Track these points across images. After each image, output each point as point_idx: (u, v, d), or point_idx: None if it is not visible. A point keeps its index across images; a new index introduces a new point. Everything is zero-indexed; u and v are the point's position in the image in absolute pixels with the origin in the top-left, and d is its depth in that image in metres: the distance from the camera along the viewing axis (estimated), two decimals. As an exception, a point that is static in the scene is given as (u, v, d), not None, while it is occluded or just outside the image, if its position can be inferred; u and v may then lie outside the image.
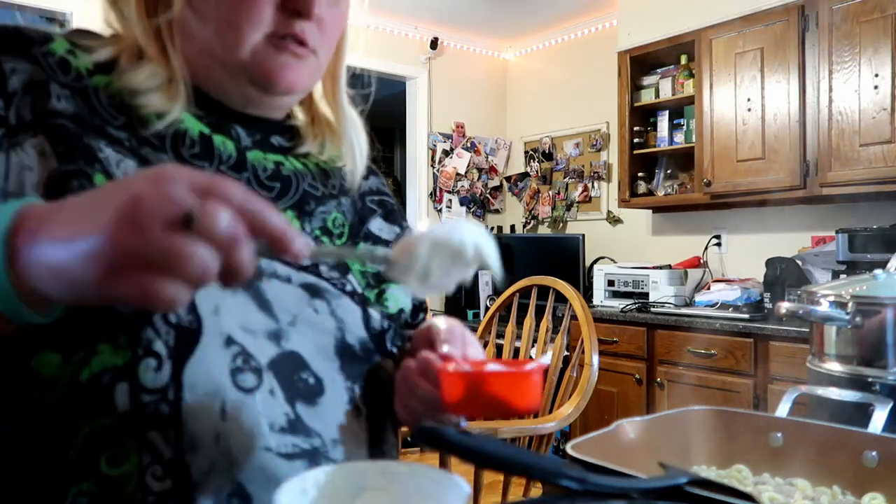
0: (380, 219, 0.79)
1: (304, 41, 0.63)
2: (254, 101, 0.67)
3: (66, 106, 0.58)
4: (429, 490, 0.48)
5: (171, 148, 0.61)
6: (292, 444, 0.57)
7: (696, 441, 0.80)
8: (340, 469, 0.49)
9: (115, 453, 0.51)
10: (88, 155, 0.56)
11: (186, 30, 0.62)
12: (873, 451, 0.69)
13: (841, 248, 2.67)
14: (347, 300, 0.66)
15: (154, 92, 0.61)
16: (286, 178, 0.68)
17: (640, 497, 0.51)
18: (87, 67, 0.61)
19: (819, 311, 0.95)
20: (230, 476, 0.53)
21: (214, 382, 0.54)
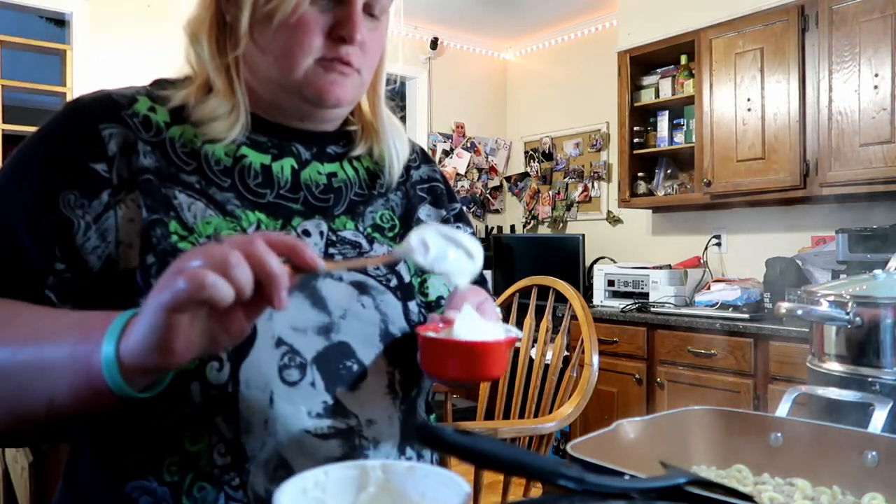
0: (428, 205, 0.89)
1: (349, 62, 0.73)
2: (308, 115, 0.77)
3: (150, 161, 0.69)
4: (429, 489, 0.48)
5: (239, 181, 0.73)
6: (328, 426, 0.68)
7: (696, 441, 0.80)
8: (341, 468, 0.49)
9: (193, 434, 0.65)
10: (166, 204, 0.68)
11: (250, 61, 0.73)
12: (873, 451, 0.69)
13: (841, 248, 2.67)
14: (390, 295, 0.76)
15: (219, 120, 0.72)
16: (337, 189, 0.79)
17: (640, 497, 0.51)
18: (166, 121, 0.72)
19: (819, 311, 0.95)
20: (276, 452, 0.66)
21: (265, 378, 0.65)
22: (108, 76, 3.43)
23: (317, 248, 0.73)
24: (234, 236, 0.51)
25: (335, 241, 0.76)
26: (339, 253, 0.75)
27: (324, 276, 0.71)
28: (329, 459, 0.65)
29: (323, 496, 0.47)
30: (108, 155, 0.68)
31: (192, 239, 0.67)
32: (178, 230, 0.67)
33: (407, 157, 0.87)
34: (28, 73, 3.37)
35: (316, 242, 0.74)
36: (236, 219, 0.70)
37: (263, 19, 0.70)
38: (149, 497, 0.64)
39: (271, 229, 0.72)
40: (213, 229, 0.68)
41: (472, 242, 0.67)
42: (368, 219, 0.80)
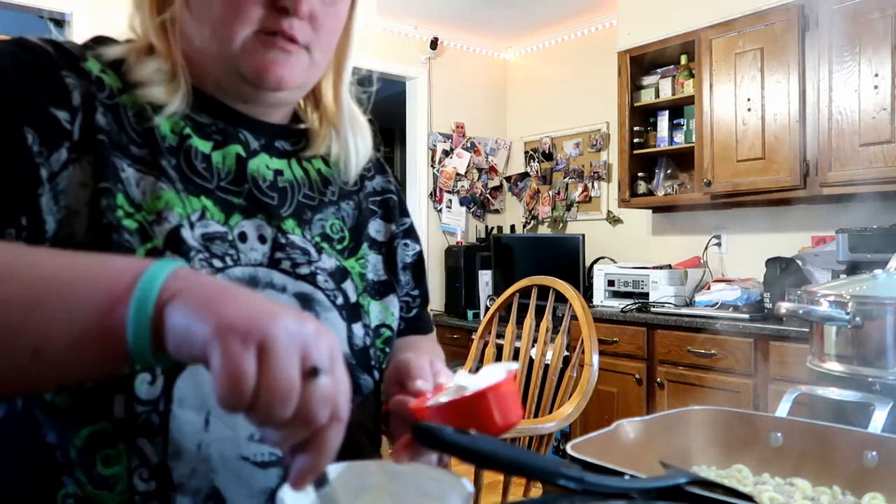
0: (378, 220, 0.80)
1: (293, 38, 0.64)
2: (251, 98, 0.69)
3: (104, 122, 0.60)
4: (431, 489, 0.48)
5: (185, 163, 0.64)
6: (269, 452, 0.60)
7: (696, 441, 0.80)
8: (344, 468, 0.49)
9: (108, 455, 0.56)
10: (114, 175, 0.59)
11: (185, 29, 0.65)
12: (873, 451, 0.69)
13: (841, 248, 2.67)
14: (335, 314, 0.68)
15: (158, 84, 0.64)
16: (283, 189, 0.70)
17: (640, 497, 0.51)
18: (118, 86, 0.64)
19: (819, 311, 0.95)
20: (208, 480, 0.58)
21: (202, 397, 0.57)
22: (109, 76, 3.44)
23: (259, 254, 0.65)
24: (335, 390, 0.42)
25: (283, 245, 0.67)
26: (288, 258, 0.66)
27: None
28: (266, 490, 0.59)
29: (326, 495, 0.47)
30: (72, 105, 0.59)
31: (140, 217, 0.59)
32: (125, 205, 0.59)
33: (367, 158, 0.80)
34: (28, 73, 3.37)
35: (255, 248, 0.65)
36: (183, 202, 0.62)
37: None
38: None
39: (216, 220, 0.63)
40: (164, 204, 0.60)
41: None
42: (317, 227, 0.72)
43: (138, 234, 0.58)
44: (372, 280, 0.75)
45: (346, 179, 0.78)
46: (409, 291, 0.83)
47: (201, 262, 0.60)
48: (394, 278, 0.78)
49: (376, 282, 0.76)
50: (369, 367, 0.71)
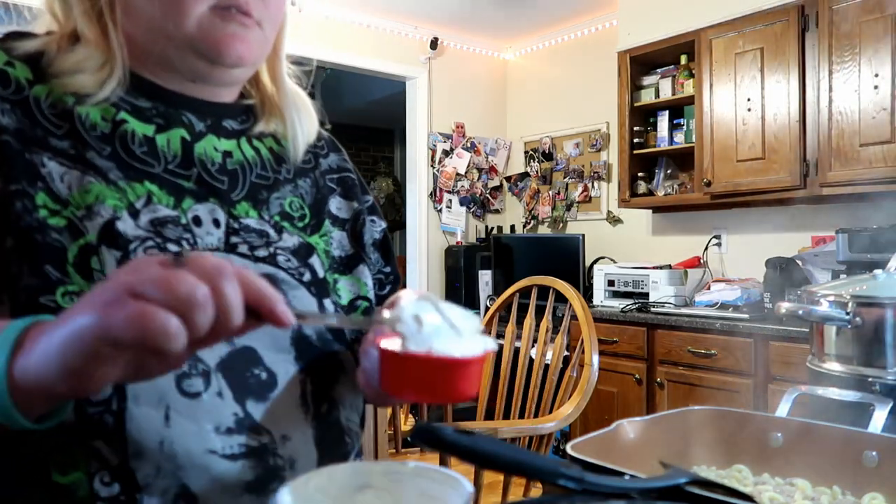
0: (339, 197, 0.78)
1: (248, 12, 0.63)
2: (203, 75, 0.67)
3: (8, 121, 0.57)
4: (431, 490, 0.48)
5: (122, 149, 0.61)
6: (238, 444, 0.58)
7: (696, 441, 0.80)
8: (343, 469, 0.49)
9: (63, 462, 0.53)
10: (31, 173, 0.56)
11: (130, 7, 0.62)
12: (873, 451, 0.69)
13: (841, 248, 2.67)
14: (304, 291, 0.66)
15: (87, 73, 0.61)
16: (233, 171, 0.68)
17: (640, 497, 0.51)
18: (28, 78, 0.60)
19: (819, 311, 0.95)
20: (176, 479, 0.55)
21: (158, 391, 0.55)
22: (109, 76, 3.43)
23: (214, 238, 0.63)
24: (204, 259, 0.42)
25: (237, 230, 0.65)
26: (245, 242, 0.65)
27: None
28: (240, 484, 0.57)
29: (325, 497, 0.47)
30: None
31: (67, 213, 0.56)
32: (48, 203, 0.56)
33: (313, 135, 0.78)
34: (28, 73, 3.37)
35: (211, 232, 0.63)
36: (121, 190, 0.59)
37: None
38: None
39: (164, 204, 0.61)
40: (94, 198, 0.57)
41: (463, 318, 0.53)
42: (275, 206, 0.70)
43: (68, 232, 0.55)
44: (338, 256, 0.73)
45: (294, 157, 0.75)
46: (380, 269, 0.82)
47: (149, 249, 0.58)
48: (362, 251, 0.77)
49: (343, 257, 0.74)
50: (345, 341, 0.69)
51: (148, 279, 0.40)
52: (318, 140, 0.80)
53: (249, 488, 0.57)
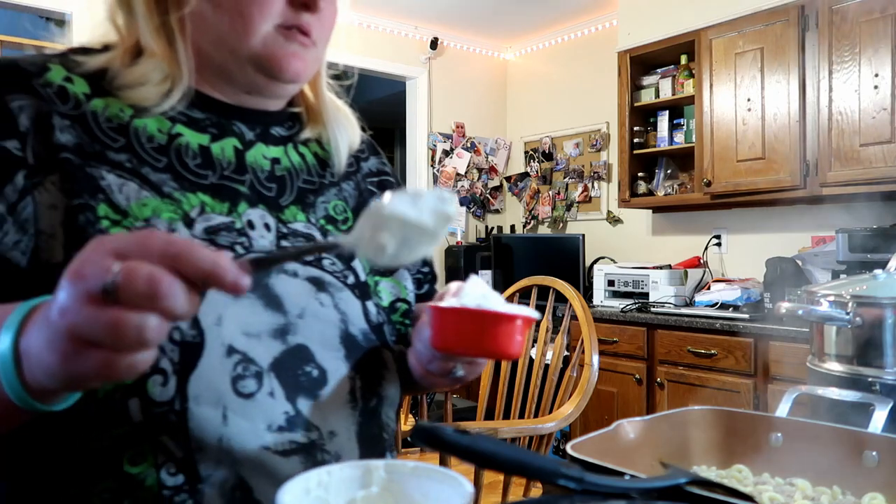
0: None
1: (308, 32, 0.68)
2: (258, 89, 0.70)
3: (69, 137, 0.60)
4: (431, 489, 0.48)
5: (177, 161, 0.65)
6: (289, 440, 0.61)
7: (696, 441, 0.80)
8: (343, 468, 0.49)
9: (134, 454, 0.57)
10: (91, 185, 0.59)
11: (200, 21, 0.65)
12: (873, 451, 0.69)
13: (841, 248, 2.67)
14: (348, 293, 0.70)
15: (150, 85, 0.64)
16: (281, 178, 0.72)
17: (640, 497, 0.51)
18: (85, 92, 0.63)
19: (819, 311, 0.95)
20: (233, 471, 0.59)
21: (216, 392, 0.58)
22: (109, 76, 3.44)
23: (266, 242, 0.66)
24: (135, 280, 0.40)
25: (287, 234, 0.68)
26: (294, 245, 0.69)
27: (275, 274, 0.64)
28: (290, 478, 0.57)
29: (326, 495, 0.47)
30: (19, 130, 0.59)
31: (127, 223, 0.59)
32: (109, 214, 0.59)
33: (356, 144, 0.82)
34: (28, 73, 3.37)
35: (263, 236, 0.67)
36: (175, 201, 0.62)
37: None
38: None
39: (216, 212, 0.64)
40: (151, 212, 0.60)
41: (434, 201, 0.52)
42: (321, 210, 0.73)
43: None
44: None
45: (339, 165, 0.79)
46: (419, 269, 0.86)
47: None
48: None
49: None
50: (386, 342, 0.73)
51: (94, 324, 0.40)
52: (360, 144, 0.84)
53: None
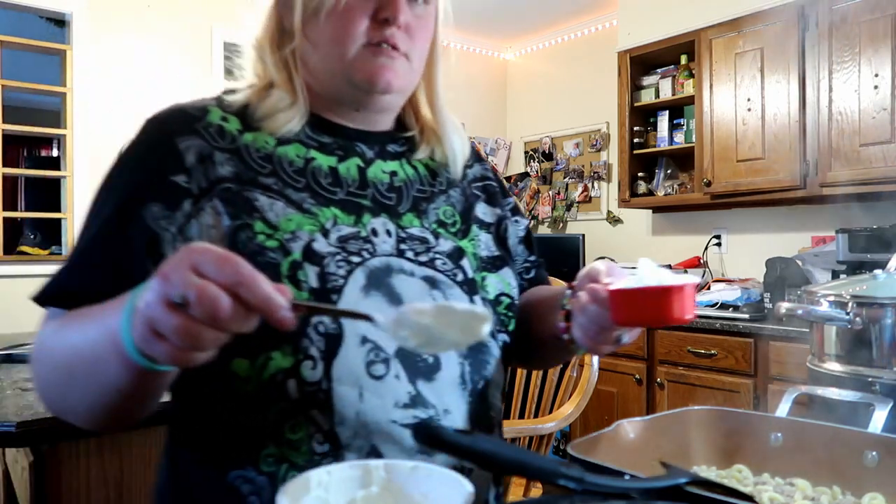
0: (483, 203, 0.91)
1: (395, 45, 0.77)
2: (363, 103, 0.81)
3: (228, 169, 0.73)
4: (431, 489, 0.48)
5: (312, 181, 0.77)
6: (412, 415, 0.72)
7: (696, 441, 0.80)
8: (343, 468, 0.49)
9: (292, 425, 0.69)
10: (249, 207, 0.72)
11: (305, 57, 0.79)
12: (873, 451, 0.69)
13: (841, 248, 2.67)
14: (458, 289, 0.80)
15: (281, 112, 0.77)
16: (398, 188, 0.83)
17: (640, 497, 0.51)
18: (238, 129, 0.77)
19: (819, 311, 0.95)
20: (368, 441, 0.70)
21: (354, 374, 0.70)
22: (109, 76, 3.43)
23: (388, 246, 0.78)
24: (206, 299, 0.49)
25: (405, 238, 0.79)
26: (410, 249, 0.79)
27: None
28: (414, 447, 0.71)
29: (326, 495, 0.47)
30: (185, 166, 0.72)
31: (278, 236, 0.71)
32: (264, 230, 0.71)
33: (466, 153, 0.91)
34: (28, 74, 3.37)
35: (385, 241, 0.78)
36: (313, 215, 0.75)
37: (312, 15, 0.76)
38: (249, 485, 0.69)
39: (345, 224, 0.76)
40: (295, 225, 0.73)
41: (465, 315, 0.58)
42: (432, 215, 0.84)
43: (280, 251, 0.71)
44: (485, 256, 0.86)
45: (455, 175, 0.89)
46: (526, 259, 0.96)
47: (338, 262, 0.73)
48: (507, 253, 0.89)
49: (489, 257, 0.86)
50: (493, 332, 0.81)
51: (166, 322, 0.50)
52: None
53: (421, 451, 0.71)
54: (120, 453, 1.20)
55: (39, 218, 3.63)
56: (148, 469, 1.23)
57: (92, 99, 3.38)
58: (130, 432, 1.20)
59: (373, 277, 0.74)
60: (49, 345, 0.66)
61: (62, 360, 0.63)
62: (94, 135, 3.40)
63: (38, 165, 4.90)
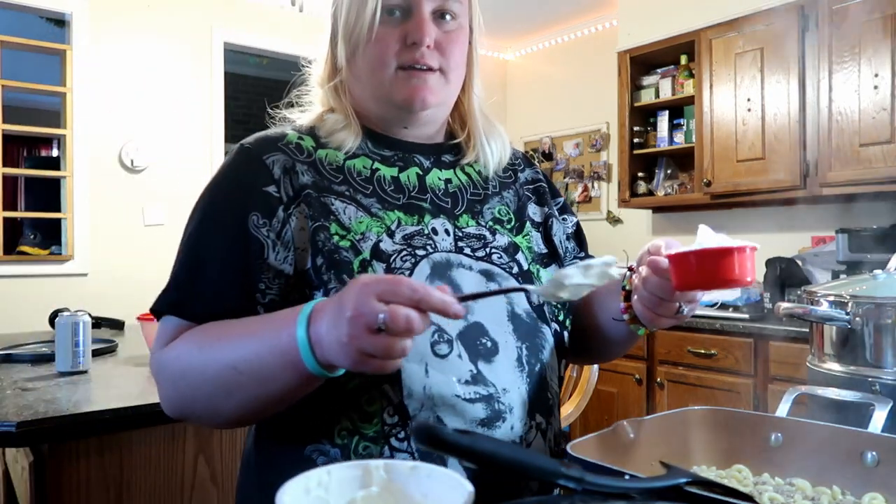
0: (533, 204, 0.99)
1: (427, 65, 0.84)
2: (408, 120, 0.89)
3: (308, 178, 0.83)
4: (431, 489, 0.48)
5: (378, 188, 0.86)
6: (474, 391, 0.78)
7: (696, 441, 0.80)
8: (343, 468, 0.49)
9: (368, 398, 0.76)
10: (326, 211, 0.81)
11: (351, 88, 0.90)
12: (873, 451, 0.69)
13: (841, 248, 2.67)
14: (513, 281, 0.87)
15: (339, 131, 0.87)
16: (453, 193, 0.91)
17: (640, 497, 0.51)
18: (313, 146, 0.87)
19: (819, 311, 0.95)
20: (433, 412, 0.77)
21: (420, 353, 0.77)
22: (108, 76, 3.43)
23: (447, 243, 0.85)
24: (398, 319, 0.59)
25: (462, 237, 0.87)
26: (467, 246, 0.87)
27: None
28: (476, 419, 0.78)
29: (326, 495, 0.47)
30: (274, 178, 0.82)
31: (350, 237, 0.80)
32: (338, 231, 0.80)
33: (505, 156, 0.99)
34: (28, 74, 3.37)
35: (444, 239, 0.86)
36: (380, 218, 0.83)
37: (353, 50, 0.86)
38: (324, 457, 0.77)
39: (407, 225, 0.84)
40: (365, 227, 0.82)
41: (599, 265, 0.70)
42: (487, 215, 0.92)
43: (351, 251, 0.79)
44: (537, 252, 0.93)
45: (486, 174, 0.96)
46: (576, 255, 1.01)
47: (404, 257, 0.81)
48: (554, 250, 0.96)
49: (540, 254, 0.94)
50: (546, 320, 0.88)
51: (375, 346, 0.60)
52: (515, 158, 1.03)
53: (482, 423, 0.78)
54: (120, 453, 1.20)
55: (39, 218, 3.63)
56: (148, 469, 1.23)
57: (92, 99, 3.38)
58: (130, 432, 1.20)
59: (436, 269, 0.82)
60: (197, 362, 0.73)
61: (217, 375, 0.71)
62: (94, 135, 3.40)
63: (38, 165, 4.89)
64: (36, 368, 1.54)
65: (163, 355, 0.77)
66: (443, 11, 0.86)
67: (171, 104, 3.62)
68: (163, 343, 0.78)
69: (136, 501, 1.21)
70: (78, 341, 1.46)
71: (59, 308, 1.79)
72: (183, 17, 3.66)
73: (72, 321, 1.46)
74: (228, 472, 1.32)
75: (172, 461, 1.26)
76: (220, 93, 3.79)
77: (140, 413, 1.17)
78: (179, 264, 0.81)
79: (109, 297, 3.24)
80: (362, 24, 0.84)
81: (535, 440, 0.83)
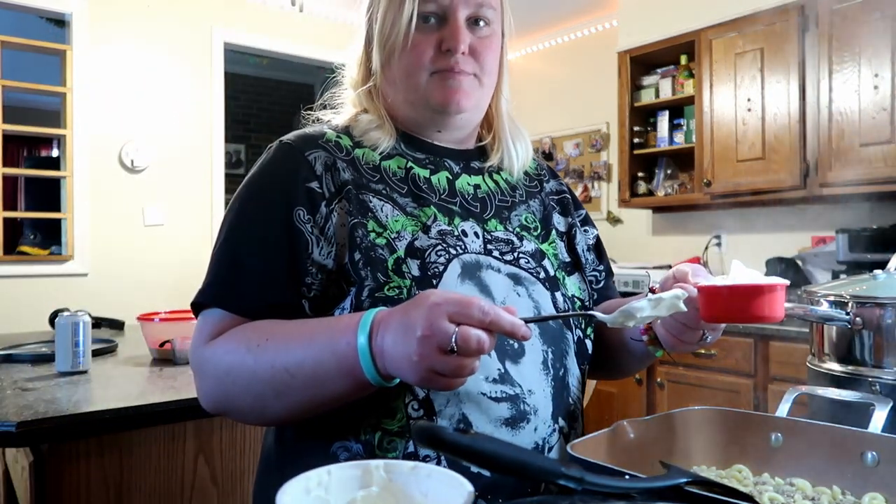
0: (558, 214, 1.01)
1: (461, 70, 0.86)
2: (442, 124, 0.91)
3: (347, 175, 0.84)
4: (431, 489, 0.48)
5: (413, 187, 0.87)
6: (500, 390, 0.79)
7: (696, 441, 0.80)
8: (343, 468, 0.49)
9: (397, 392, 0.76)
10: (364, 208, 0.82)
11: (386, 92, 0.91)
12: (873, 451, 0.69)
13: (841, 248, 2.67)
14: (540, 286, 0.88)
15: (373, 131, 0.89)
16: (482, 199, 0.93)
17: (640, 497, 0.51)
18: (350, 145, 0.88)
19: (819, 311, 0.95)
20: (459, 409, 0.77)
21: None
22: (108, 76, 3.43)
23: (477, 245, 0.87)
24: (469, 340, 0.62)
25: (490, 240, 0.88)
26: (496, 249, 0.88)
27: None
28: (500, 419, 0.78)
29: (326, 495, 0.47)
30: (317, 174, 0.83)
31: (386, 235, 0.81)
32: (375, 228, 0.81)
33: (528, 158, 1.02)
34: (28, 74, 3.37)
35: (474, 241, 0.87)
36: (416, 217, 0.85)
37: (388, 56, 0.88)
38: (347, 453, 0.78)
39: (443, 223, 0.86)
40: (401, 226, 0.83)
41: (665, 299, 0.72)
42: (515, 221, 0.93)
43: (387, 248, 0.80)
44: (562, 260, 0.95)
45: (513, 182, 0.98)
46: (595, 268, 1.04)
47: (438, 252, 0.82)
48: (577, 259, 0.97)
49: (564, 262, 0.95)
50: (570, 327, 0.89)
51: (445, 366, 0.63)
52: (541, 170, 1.06)
53: (506, 423, 0.79)
54: (120, 453, 1.20)
55: (39, 218, 3.63)
56: (148, 469, 1.23)
57: (92, 99, 3.38)
58: (130, 432, 1.20)
59: (466, 269, 0.83)
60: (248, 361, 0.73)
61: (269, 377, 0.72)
62: (93, 135, 3.40)
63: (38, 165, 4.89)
64: (36, 368, 1.54)
65: (206, 350, 0.77)
66: (477, 18, 0.88)
67: (171, 104, 3.62)
68: (205, 338, 0.78)
69: (135, 501, 1.21)
70: (78, 341, 1.46)
71: (59, 308, 1.79)
72: (183, 17, 3.66)
73: (72, 321, 1.46)
74: (228, 472, 1.32)
75: (172, 461, 1.26)
76: (220, 93, 3.79)
77: (140, 413, 1.17)
78: (220, 258, 0.80)
79: (109, 297, 3.24)
80: (398, 32, 0.85)
81: (557, 444, 0.82)
